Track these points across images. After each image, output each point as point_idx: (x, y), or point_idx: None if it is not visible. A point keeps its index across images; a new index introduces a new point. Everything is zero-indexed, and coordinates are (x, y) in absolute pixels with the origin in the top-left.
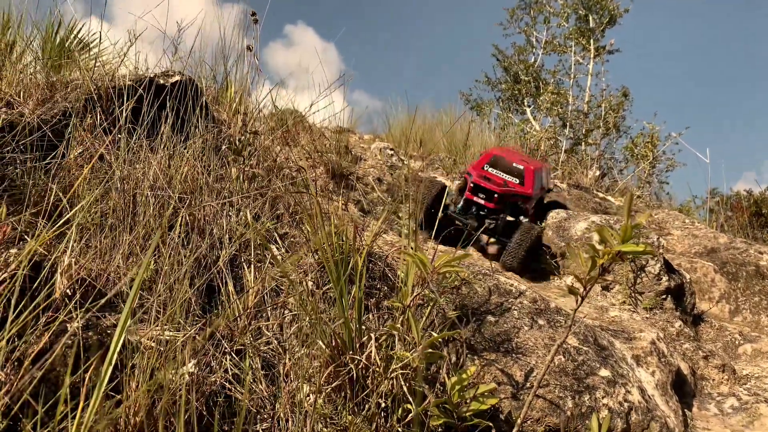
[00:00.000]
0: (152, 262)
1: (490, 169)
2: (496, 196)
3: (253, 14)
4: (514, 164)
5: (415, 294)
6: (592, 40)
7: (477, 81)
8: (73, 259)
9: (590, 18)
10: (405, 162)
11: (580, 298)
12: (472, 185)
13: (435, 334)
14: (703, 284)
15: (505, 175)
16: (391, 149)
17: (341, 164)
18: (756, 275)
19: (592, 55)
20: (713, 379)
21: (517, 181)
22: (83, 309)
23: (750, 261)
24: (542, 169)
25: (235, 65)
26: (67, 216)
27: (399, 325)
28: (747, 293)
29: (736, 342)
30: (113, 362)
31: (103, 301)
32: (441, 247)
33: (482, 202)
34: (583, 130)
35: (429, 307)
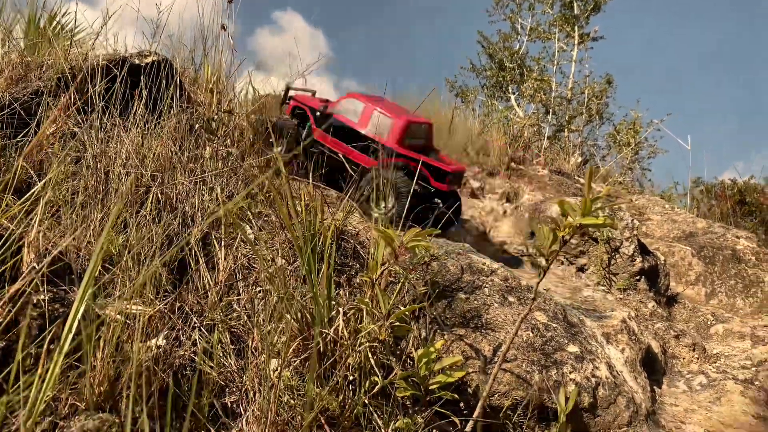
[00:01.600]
0: (121, 238)
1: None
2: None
3: None
4: (423, 124)
5: (383, 269)
6: (576, 27)
7: (462, 68)
8: (42, 233)
9: (575, 5)
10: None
11: (543, 271)
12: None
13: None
14: (680, 268)
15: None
16: None
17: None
18: (732, 259)
19: (576, 42)
20: (683, 358)
21: (426, 142)
22: (50, 282)
23: (727, 245)
24: None
25: (213, 46)
26: (35, 189)
27: (367, 300)
28: (723, 276)
29: (708, 323)
30: (74, 329)
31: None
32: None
33: (445, 187)
34: (566, 117)
35: (399, 284)
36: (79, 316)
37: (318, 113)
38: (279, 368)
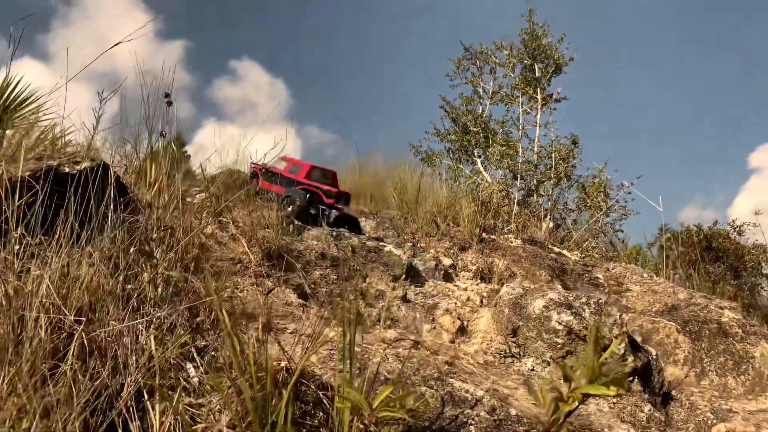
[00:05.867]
0: (25, 422)
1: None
2: (335, 192)
3: (167, 96)
4: (324, 170)
5: None
6: (538, 89)
7: (427, 132)
8: None
9: (536, 67)
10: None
11: None
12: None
13: None
14: (666, 346)
15: (324, 179)
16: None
17: (278, 242)
18: (719, 333)
19: (539, 105)
20: None
21: (331, 182)
22: None
23: (712, 318)
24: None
25: (158, 141)
26: None
27: None
28: (711, 353)
29: (709, 422)
30: None
31: None
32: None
33: (333, 202)
34: (534, 182)
35: None
36: None
37: (264, 170)
38: None
